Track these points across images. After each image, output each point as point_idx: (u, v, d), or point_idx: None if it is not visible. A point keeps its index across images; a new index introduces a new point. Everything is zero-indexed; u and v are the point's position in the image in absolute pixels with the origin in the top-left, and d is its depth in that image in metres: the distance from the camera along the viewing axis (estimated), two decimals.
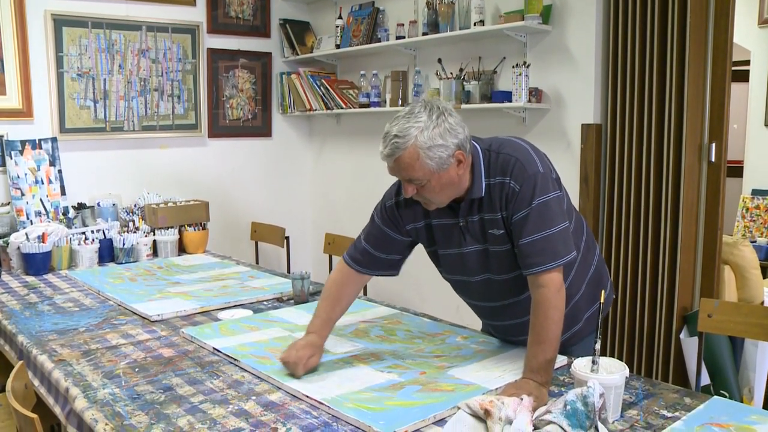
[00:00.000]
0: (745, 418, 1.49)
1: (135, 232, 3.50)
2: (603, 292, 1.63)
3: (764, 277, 3.26)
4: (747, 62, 5.17)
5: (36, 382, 1.98)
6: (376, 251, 1.98)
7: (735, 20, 2.77)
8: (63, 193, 3.61)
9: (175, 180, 4.20)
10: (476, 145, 1.80)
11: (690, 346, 2.80)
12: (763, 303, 3.07)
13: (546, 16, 3.20)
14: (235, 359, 1.92)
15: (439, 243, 1.92)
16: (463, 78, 3.54)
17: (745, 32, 4.98)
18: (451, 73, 3.61)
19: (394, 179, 1.91)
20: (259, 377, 1.81)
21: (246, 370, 1.86)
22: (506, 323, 1.97)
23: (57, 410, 1.81)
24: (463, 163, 1.72)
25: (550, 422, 1.32)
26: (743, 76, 5.16)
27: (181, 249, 3.63)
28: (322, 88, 4.36)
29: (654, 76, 2.88)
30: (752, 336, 2.28)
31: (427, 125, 1.67)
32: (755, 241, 4.72)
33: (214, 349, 2.01)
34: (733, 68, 2.81)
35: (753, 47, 5.11)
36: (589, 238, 1.98)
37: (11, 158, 3.48)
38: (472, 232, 1.84)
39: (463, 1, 3.47)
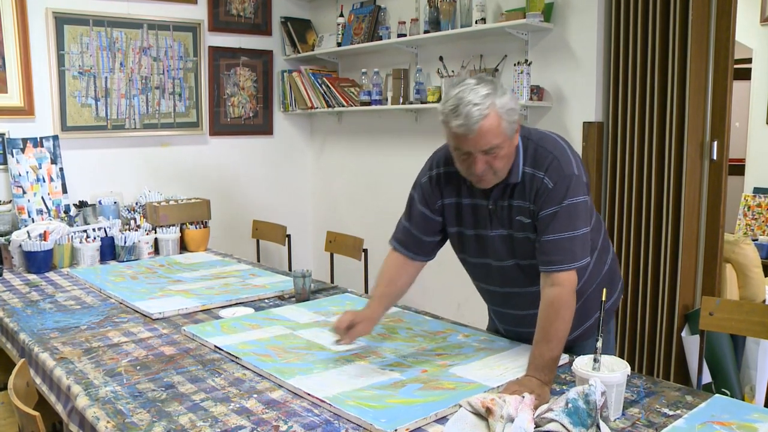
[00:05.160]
0: (746, 416, 1.49)
1: (136, 230, 3.50)
2: (605, 290, 1.62)
3: (766, 276, 3.25)
4: (749, 60, 5.16)
5: (38, 380, 1.98)
6: (417, 231, 1.97)
7: (737, 18, 2.77)
8: (64, 191, 3.61)
9: (177, 178, 4.20)
10: None
11: (691, 344, 2.80)
12: (764, 301, 3.07)
13: (547, 14, 3.20)
14: (236, 357, 1.92)
15: (465, 223, 1.90)
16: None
17: (746, 30, 4.97)
18: (453, 71, 3.61)
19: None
20: (260, 375, 1.81)
21: (247, 368, 1.86)
22: (521, 313, 1.96)
23: (59, 408, 1.81)
24: (518, 133, 1.73)
25: (551, 420, 1.32)
26: (745, 74, 5.15)
27: (183, 247, 3.64)
28: (323, 86, 4.36)
29: (656, 75, 2.87)
30: (754, 334, 2.27)
31: (497, 90, 1.65)
32: (757, 240, 4.72)
33: (216, 347, 2.01)
34: (735, 66, 2.81)
35: (755, 45, 5.10)
36: (605, 238, 1.99)
37: (13, 156, 3.48)
38: (499, 217, 1.82)
39: None
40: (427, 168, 1.97)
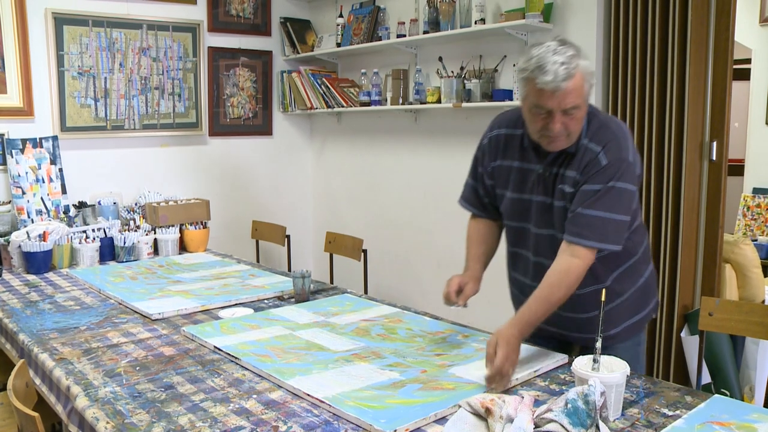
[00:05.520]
0: (745, 416, 1.49)
1: (136, 230, 3.50)
2: (604, 291, 1.61)
3: (765, 276, 3.26)
4: (748, 60, 5.16)
5: (37, 381, 1.98)
6: (478, 189, 2.07)
7: (736, 18, 2.77)
8: (64, 191, 3.61)
9: (176, 178, 4.20)
10: None
11: (691, 344, 2.80)
12: (764, 301, 3.07)
13: (547, 14, 3.20)
14: (236, 358, 1.92)
15: (511, 186, 1.93)
16: (464, 76, 3.54)
17: (746, 30, 4.98)
18: (452, 72, 3.61)
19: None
20: (260, 375, 1.81)
21: (247, 369, 1.86)
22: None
23: (58, 409, 1.81)
24: (588, 100, 1.76)
25: (551, 420, 1.32)
26: (744, 75, 5.16)
27: (182, 247, 3.64)
28: (322, 86, 4.36)
29: (655, 75, 2.87)
30: (753, 335, 2.27)
31: (580, 53, 1.71)
32: (756, 240, 4.73)
33: (215, 347, 2.01)
34: (734, 66, 2.81)
35: (754, 45, 5.10)
36: (646, 251, 1.98)
37: (12, 157, 3.48)
38: (545, 183, 1.84)
39: (464, 0, 3.47)
40: (488, 129, 2.03)
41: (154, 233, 3.54)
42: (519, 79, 1.76)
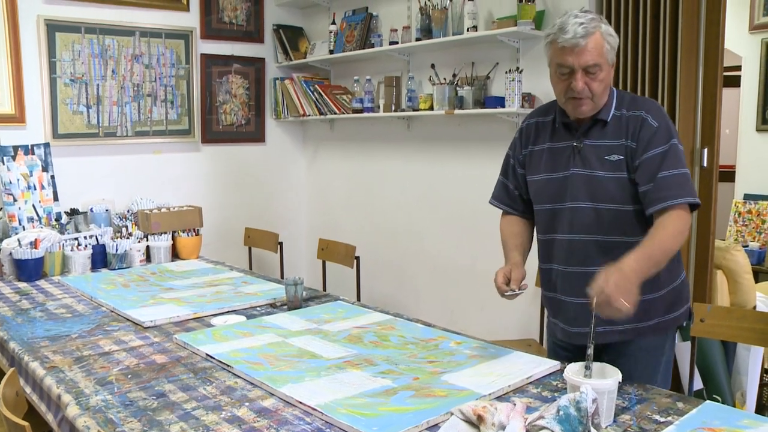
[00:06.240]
0: (737, 422, 1.49)
1: (128, 237, 3.49)
2: (594, 300, 1.60)
3: (756, 282, 3.27)
4: (738, 68, 5.19)
5: (28, 389, 1.97)
6: (509, 183, 2.10)
7: (726, 26, 2.79)
8: (56, 198, 3.60)
9: (169, 185, 4.19)
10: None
11: (683, 350, 2.81)
12: (755, 308, 3.08)
13: (539, 21, 3.22)
14: (228, 365, 1.91)
15: (543, 167, 1.96)
16: (457, 83, 3.55)
17: (736, 38, 5.01)
18: (444, 79, 3.62)
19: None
20: (252, 383, 1.80)
21: (239, 376, 1.86)
22: (578, 270, 1.89)
23: (49, 417, 1.80)
24: (613, 69, 1.84)
25: (543, 428, 1.32)
26: (735, 82, 5.19)
27: (175, 255, 3.63)
28: (315, 93, 4.36)
29: (646, 82, 2.89)
30: (744, 341, 2.28)
31: (602, 19, 1.80)
32: (747, 246, 4.75)
33: (207, 355, 2.01)
34: (725, 73, 2.83)
35: (744, 53, 5.14)
36: (679, 254, 1.95)
37: (3, 164, 3.47)
38: (583, 155, 1.87)
39: (456, 7, 3.48)
40: (522, 121, 2.11)
41: (147, 240, 3.53)
42: (544, 46, 1.84)
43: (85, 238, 3.38)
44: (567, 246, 1.93)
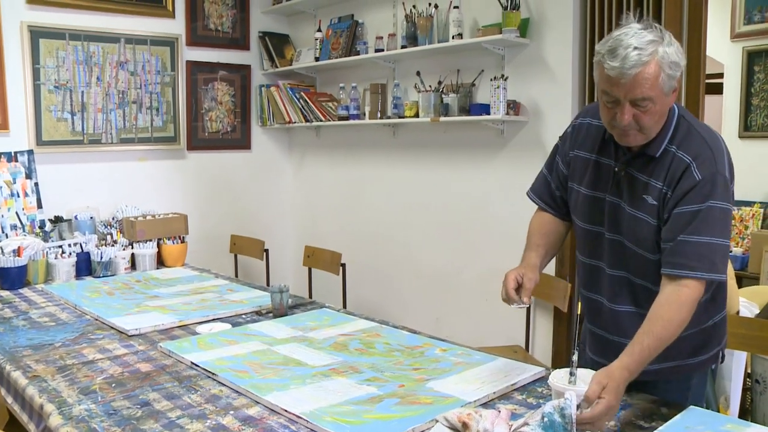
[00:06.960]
0: (720, 427, 1.50)
1: (113, 245, 3.47)
2: (579, 304, 1.62)
3: (740, 287, 3.29)
4: (720, 75, 5.25)
5: (9, 399, 1.95)
6: (551, 179, 1.89)
7: (708, 34, 2.82)
8: (39, 206, 3.58)
9: (154, 193, 4.17)
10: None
11: None
12: (738, 313, 3.11)
13: (523, 29, 3.24)
14: (213, 373, 1.90)
15: (586, 181, 1.76)
16: (442, 91, 3.56)
17: (718, 45, 5.06)
18: (430, 86, 3.64)
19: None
20: (237, 391, 1.80)
21: (224, 385, 1.85)
22: (615, 307, 1.75)
23: (31, 428, 1.78)
24: (675, 95, 1.57)
25: None
26: (717, 89, 5.24)
27: (160, 262, 3.61)
28: (301, 100, 4.36)
29: None
30: (728, 346, 2.30)
31: (664, 38, 1.51)
32: (731, 252, 4.79)
33: (192, 363, 2.00)
34: (707, 81, 2.86)
35: (726, 60, 5.19)
36: (723, 290, 1.76)
37: None
38: (621, 184, 1.67)
39: (442, 15, 3.50)
40: (575, 117, 1.87)
41: (132, 248, 3.51)
42: (594, 62, 1.59)
43: (70, 245, 3.36)
44: (607, 280, 1.76)
